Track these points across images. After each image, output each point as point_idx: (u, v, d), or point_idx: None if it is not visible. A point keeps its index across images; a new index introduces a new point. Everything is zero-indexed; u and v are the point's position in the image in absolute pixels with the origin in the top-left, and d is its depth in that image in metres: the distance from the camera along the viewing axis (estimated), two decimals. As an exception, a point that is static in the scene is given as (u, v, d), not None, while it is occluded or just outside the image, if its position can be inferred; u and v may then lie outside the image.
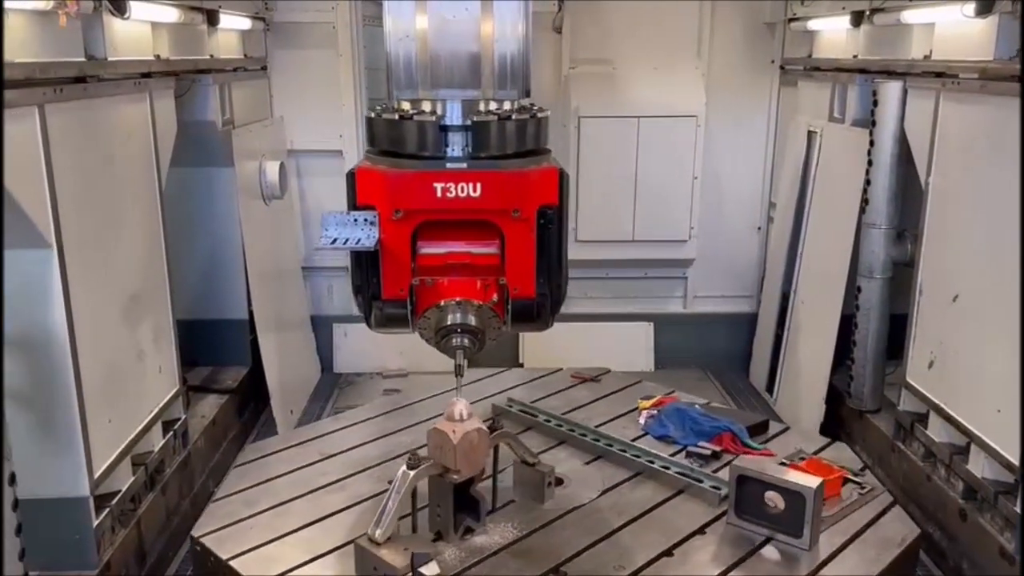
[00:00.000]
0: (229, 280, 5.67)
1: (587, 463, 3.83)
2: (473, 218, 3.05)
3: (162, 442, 4.37)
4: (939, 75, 4.38)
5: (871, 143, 4.96)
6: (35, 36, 3.29)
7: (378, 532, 2.99)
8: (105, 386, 3.77)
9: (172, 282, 4.59)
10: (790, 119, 6.53)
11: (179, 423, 4.62)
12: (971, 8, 3.84)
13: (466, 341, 3.07)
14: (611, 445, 3.88)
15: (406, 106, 3.05)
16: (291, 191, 6.53)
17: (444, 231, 3.12)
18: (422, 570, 2.92)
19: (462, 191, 2.97)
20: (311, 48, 6.46)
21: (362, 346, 6.99)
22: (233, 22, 5.56)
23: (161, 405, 4.38)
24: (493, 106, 3.04)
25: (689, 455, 3.87)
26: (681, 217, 6.71)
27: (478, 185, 2.97)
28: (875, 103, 4.92)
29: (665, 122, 6.52)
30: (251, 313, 5.69)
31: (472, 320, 3.07)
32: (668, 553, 3.19)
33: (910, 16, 4.61)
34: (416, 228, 3.07)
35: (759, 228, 7.08)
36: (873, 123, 4.94)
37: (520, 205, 3.02)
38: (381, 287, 3.10)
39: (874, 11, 4.97)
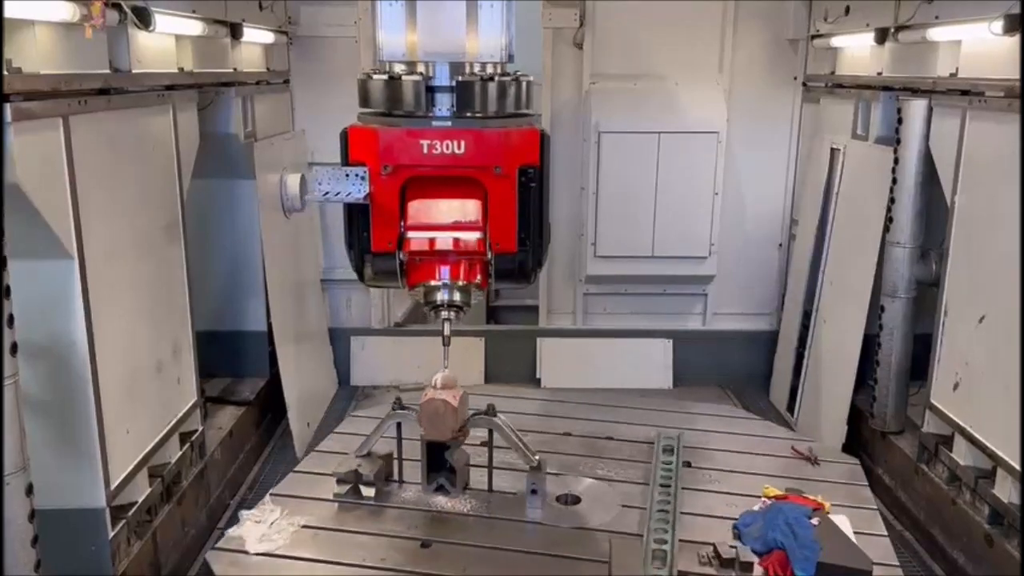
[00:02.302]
0: (248, 292, 5.69)
1: (627, 506, 3.71)
2: (457, 174, 3.22)
3: (179, 453, 4.37)
4: (965, 93, 4.33)
5: (895, 161, 4.91)
6: (61, 48, 3.32)
7: (355, 449, 3.78)
8: (124, 397, 3.78)
9: (192, 293, 4.60)
10: (813, 136, 6.48)
11: (196, 434, 4.62)
12: (999, 26, 3.79)
13: (452, 315, 3.36)
14: (664, 507, 3.62)
15: (396, 68, 3.24)
16: (311, 204, 6.55)
17: (431, 206, 3.29)
18: (361, 486, 3.67)
19: (447, 148, 3.16)
20: (334, 62, 6.49)
21: (379, 359, 6.98)
22: (257, 36, 5.60)
23: (179, 416, 4.38)
24: (477, 68, 3.22)
25: (716, 553, 3.39)
26: (701, 233, 6.66)
27: (462, 143, 3.16)
28: (900, 121, 4.86)
29: (686, 138, 6.49)
30: (270, 325, 5.70)
31: (458, 298, 3.34)
32: None
33: (936, 33, 4.56)
34: (404, 183, 3.24)
35: (780, 245, 7.02)
36: (898, 141, 4.89)
37: (502, 163, 3.20)
38: (371, 240, 3.30)
39: (899, 28, 4.93)
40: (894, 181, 4.93)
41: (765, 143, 6.80)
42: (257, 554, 3.38)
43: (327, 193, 3.22)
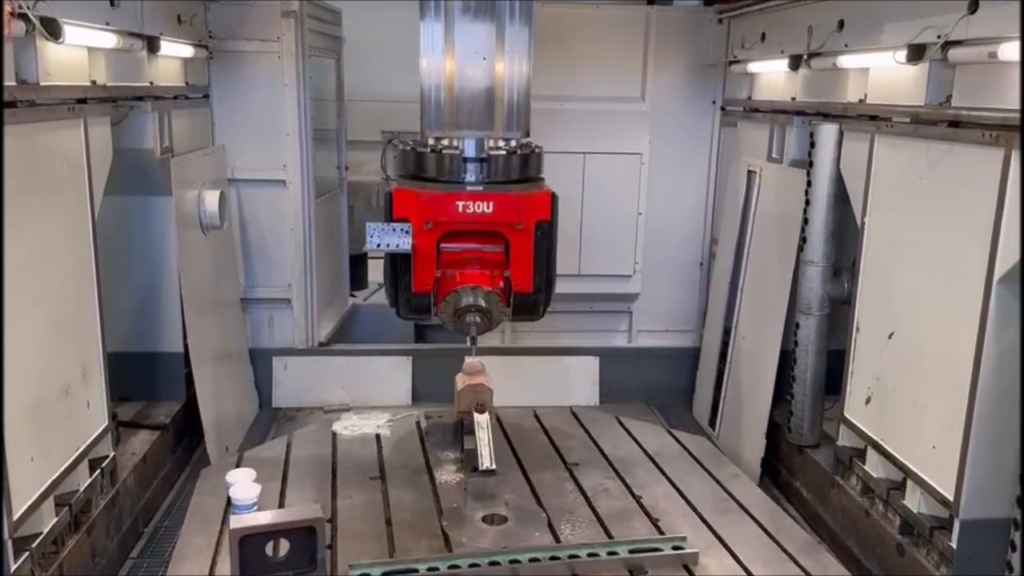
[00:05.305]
0: (164, 312, 5.52)
1: (506, 547, 3.43)
2: (485, 229, 3.93)
3: (88, 481, 4.20)
4: (873, 118, 4.51)
5: (808, 183, 5.07)
6: (-38, 58, 3.18)
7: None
8: (28, 423, 3.61)
9: (104, 313, 4.43)
10: (731, 158, 6.65)
11: (107, 461, 4.44)
12: (903, 55, 3.97)
13: (478, 319, 3.85)
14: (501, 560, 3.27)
15: (440, 142, 3.94)
16: (232, 221, 6.40)
17: (462, 237, 3.97)
18: (427, 430, 4.54)
19: (478, 208, 3.84)
20: (256, 77, 6.37)
21: (302, 380, 6.83)
22: (175, 49, 5.46)
23: (88, 442, 4.21)
24: (503, 143, 3.98)
25: None
26: (626, 252, 6.78)
27: (491, 204, 3.85)
28: (812, 144, 5.03)
29: (610, 159, 6.62)
30: (186, 346, 5.54)
31: (483, 302, 3.83)
32: None
33: (846, 61, 4.76)
34: (441, 237, 3.92)
35: (701, 264, 7.18)
36: (810, 163, 5.06)
37: (523, 219, 3.90)
38: (412, 283, 3.95)
39: (811, 55, 5.11)
40: (807, 202, 5.09)
41: (686, 165, 6.95)
42: (333, 432, 4.57)
43: (379, 244, 3.83)
